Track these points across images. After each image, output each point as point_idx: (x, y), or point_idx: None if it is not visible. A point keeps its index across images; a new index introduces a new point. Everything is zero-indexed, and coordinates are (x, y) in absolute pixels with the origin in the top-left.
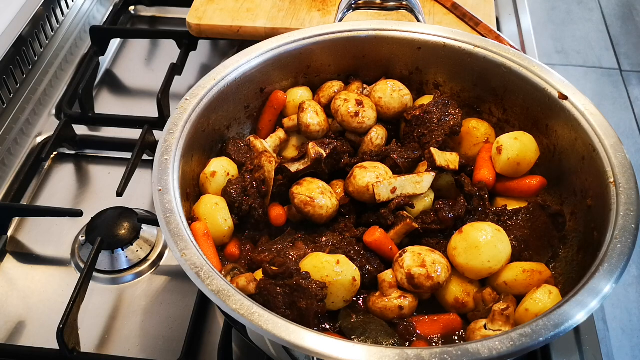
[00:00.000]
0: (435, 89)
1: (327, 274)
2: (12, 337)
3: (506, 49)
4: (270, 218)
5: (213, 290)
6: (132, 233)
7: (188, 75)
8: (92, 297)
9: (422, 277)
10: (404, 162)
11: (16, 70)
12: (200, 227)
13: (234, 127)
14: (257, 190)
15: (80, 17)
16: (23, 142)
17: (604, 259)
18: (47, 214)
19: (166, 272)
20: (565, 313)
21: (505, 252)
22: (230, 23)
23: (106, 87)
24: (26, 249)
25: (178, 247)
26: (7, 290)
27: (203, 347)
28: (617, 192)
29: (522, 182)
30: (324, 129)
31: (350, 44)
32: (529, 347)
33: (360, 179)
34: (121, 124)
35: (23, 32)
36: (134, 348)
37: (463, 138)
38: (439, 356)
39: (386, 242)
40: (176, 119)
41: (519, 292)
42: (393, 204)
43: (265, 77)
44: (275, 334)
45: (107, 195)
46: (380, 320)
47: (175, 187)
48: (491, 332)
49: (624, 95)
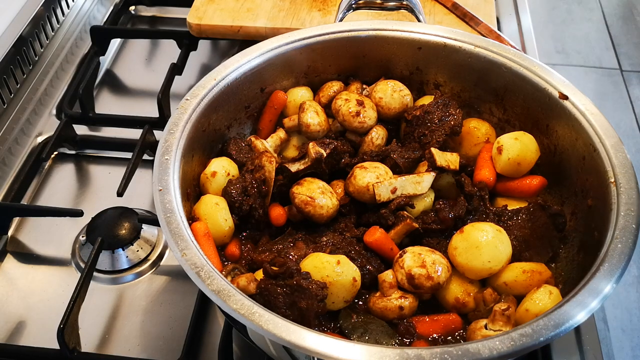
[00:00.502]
0: (435, 89)
1: (327, 274)
2: (13, 337)
3: (507, 48)
4: (270, 218)
5: (213, 290)
6: (133, 233)
7: (188, 75)
8: (93, 297)
9: (422, 278)
10: (404, 162)
11: (17, 70)
12: (200, 227)
13: (234, 127)
14: (257, 190)
15: (81, 17)
16: (23, 142)
17: (605, 259)
18: (48, 214)
19: (166, 272)
20: (565, 313)
21: (505, 252)
22: (231, 23)
23: (106, 87)
24: (26, 249)
25: (178, 247)
26: (7, 290)
27: (203, 347)
28: (617, 192)
29: (522, 182)
30: (324, 129)
31: (350, 44)
32: (529, 347)
33: (360, 179)
34: (121, 124)
35: (23, 32)
36: (134, 348)
37: (463, 138)
38: (439, 356)
39: (386, 242)
40: (176, 118)
41: (519, 292)
42: (393, 204)
43: (265, 77)
44: (276, 333)
45: (107, 195)
46: (381, 321)
47: (175, 187)
48: (492, 332)
49: (624, 95)
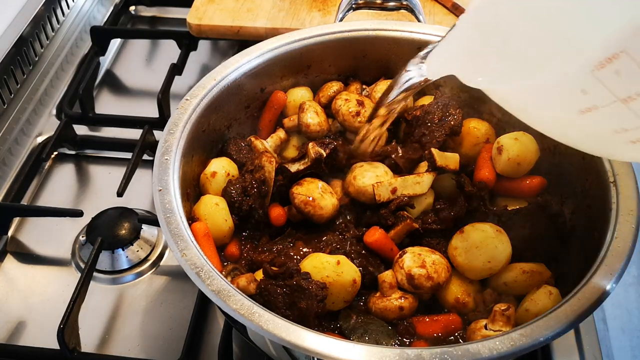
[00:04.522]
0: (435, 89)
1: (327, 274)
2: (13, 337)
3: None
4: (270, 218)
5: (213, 290)
6: (133, 233)
7: (188, 75)
8: (93, 297)
9: (422, 278)
10: (404, 162)
11: (17, 71)
12: (200, 227)
13: (234, 127)
14: (257, 190)
15: (81, 17)
16: (23, 142)
17: (604, 259)
18: (48, 214)
19: (166, 272)
20: (565, 313)
21: (505, 252)
22: (231, 23)
23: (106, 87)
24: (26, 249)
25: (178, 247)
26: (7, 290)
27: (203, 347)
28: (617, 192)
29: (522, 182)
30: (324, 129)
31: (350, 44)
32: (529, 347)
33: (360, 179)
34: (121, 124)
35: (24, 32)
36: (134, 348)
37: (463, 138)
38: (439, 356)
39: (387, 243)
40: (176, 119)
41: (519, 292)
42: (393, 204)
43: (265, 77)
44: (276, 334)
45: (107, 195)
46: (381, 321)
47: (175, 187)
48: (492, 332)
49: None
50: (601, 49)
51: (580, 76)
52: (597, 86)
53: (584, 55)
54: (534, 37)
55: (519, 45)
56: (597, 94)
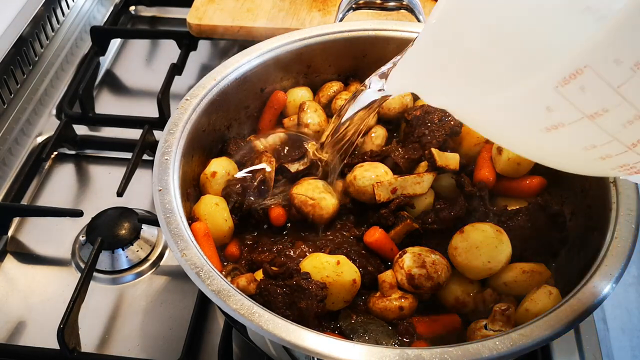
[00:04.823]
0: None
1: (327, 274)
2: (13, 337)
3: None
4: (270, 218)
5: (213, 290)
6: (133, 233)
7: (188, 75)
8: (93, 297)
9: (422, 278)
10: (404, 162)
11: (17, 71)
12: (200, 227)
13: (234, 127)
14: (257, 190)
15: (81, 17)
16: (23, 142)
17: (604, 259)
18: (48, 214)
19: (166, 272)
20: (565, 313)
21: (505, 252)
22: (231, 23)
23: (106, 87)
24: (26, 249)
25: (178, 247)
26: (7, 290)
27: (203, 347)
28: (617, 192)
29: (522, 182)
30: (324, 129)
31: (350, 44)
32: (529, 347)
33: (360, 179)
34: (121, 124)
35: (24, 32)
36: (134, 348)
37: (463, 138)
38: (439, 356)
39: (387, 243)
40: (176, 119)
41: (519, 292)
42: (393, 204)
43: (265, 77)
44: (276, 334)
45: (107, 195)
46: (381, 321)
47: (175, 187)
48: (491, 332)
49: None
50: (564, 65)
51: (544, 93)
52: (563, 103)
53: (546, 71)
54: (494, 54)
55: (480, 63)
56: (562, 111)
